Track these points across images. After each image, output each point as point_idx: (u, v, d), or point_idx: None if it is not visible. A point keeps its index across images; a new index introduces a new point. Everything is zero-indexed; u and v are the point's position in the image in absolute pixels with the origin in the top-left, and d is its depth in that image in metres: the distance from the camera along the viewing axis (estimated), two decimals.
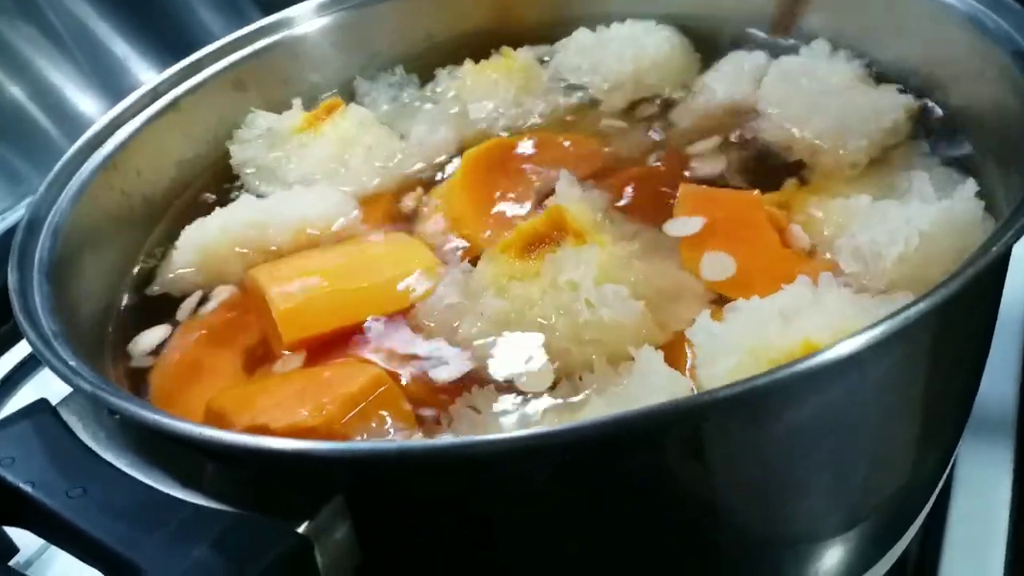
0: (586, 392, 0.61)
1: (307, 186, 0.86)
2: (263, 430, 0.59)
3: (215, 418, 0.63)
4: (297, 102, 0.93)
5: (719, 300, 0.67)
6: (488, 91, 0.94)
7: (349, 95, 0.98)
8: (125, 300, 0.79)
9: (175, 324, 0.76)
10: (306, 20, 0.97)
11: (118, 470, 0.53)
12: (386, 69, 0.99)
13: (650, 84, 0.93)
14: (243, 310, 0.75)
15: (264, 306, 0.71)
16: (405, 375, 0.66)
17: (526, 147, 0.87)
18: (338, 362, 0.67)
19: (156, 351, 0.74)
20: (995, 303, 0.68)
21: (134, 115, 0.85)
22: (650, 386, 0.58)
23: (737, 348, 0.57)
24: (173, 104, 0.89)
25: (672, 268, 0.70)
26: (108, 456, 0.54)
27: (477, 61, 0.97)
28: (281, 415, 0.59)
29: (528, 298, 0.66)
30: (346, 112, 0.91)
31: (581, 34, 0.97)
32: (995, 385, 0.85)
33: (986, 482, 0.80)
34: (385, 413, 0.62)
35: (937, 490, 0.73)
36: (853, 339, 0.46)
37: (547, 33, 1.00)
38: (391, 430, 0.61)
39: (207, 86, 0.91)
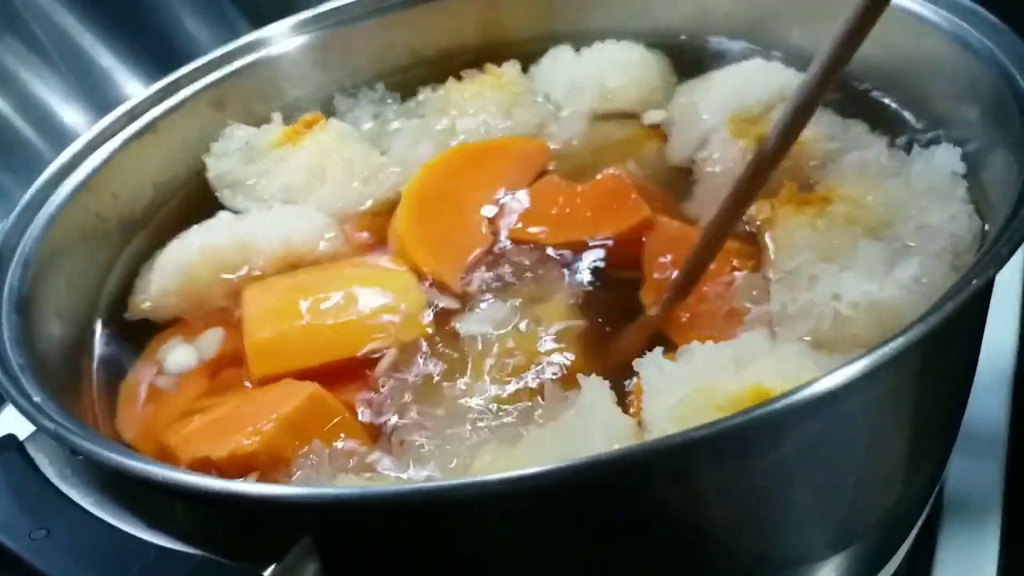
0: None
1: (285, 202, 0.85)
2: (206, 463, 0.58)
3: (166, 454, 0.62)
4: (277, 116, 0.92)
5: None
6: (475, 104, 0.93)
7: (330, 113, 0.96)
8: (101, 326, 0.78)
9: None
10: (285, 38, 0.96)
11: (83, 510, 0.52)
12: (367, 86, 0.98)
13: (631, 101, 0.92)
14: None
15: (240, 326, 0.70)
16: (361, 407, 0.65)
17: (467, 161, 0.86)
18: (278, 383, 0.66)
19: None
20: (979, 329, 0.67)
21: (110, 137, 0.84)
22: (589, 421, 0.57)
23: (685, 385, 0.56)
24: (151, 125, 0.87)
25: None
26: (74, 495, 0.53)
27: (459, 78, 0.96)
28: (220, 445, 0.59)
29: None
30: (326, 126, 0.89)
31: (561, 52, 0.97)
32: (985, 402, 0.84)
33: (976, 499, 0.79)
34: (328, 430, 0.61)
35: (927, 509, 0.73)
36: (838, 373, 0.46)
37: (530, 49, 0.99)
38: (339, 448, 0.60)
39: (185, 106, 0.90)
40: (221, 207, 0.87)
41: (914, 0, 0.77)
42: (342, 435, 0.62)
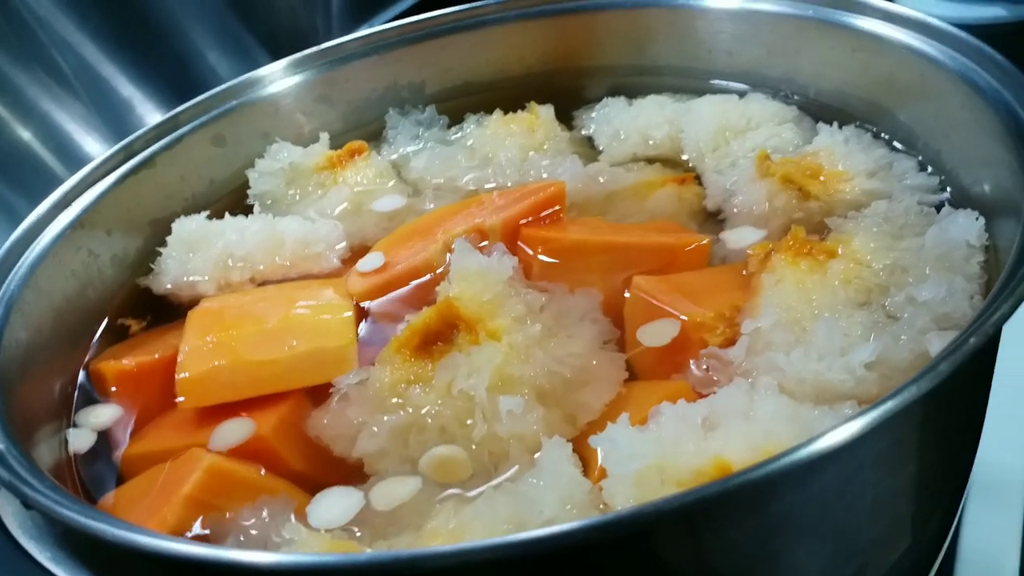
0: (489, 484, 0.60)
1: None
2: None
3: None
4: (324, 136, 0.93)
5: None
6: (500, 144, 0.91)
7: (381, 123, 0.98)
8: (86, 369, 0.76)
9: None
10: (285, 76, 0.96)
11: (40, 567, 0.50)
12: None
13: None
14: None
15: None
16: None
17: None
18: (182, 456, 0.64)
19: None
20: (987, 375, 0.64)
21: (106, 174, 0.84)
22: (548, 485, 0.55)
23: (642, 460, 0.53)
24: (148, 160, 0.87)
25: (581, 345, 0.66)
26: (37, 553, 0.51)
27: (460, 112, 0.97)
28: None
29: (426, 407, 0.62)
30: (368, 160, 0.90)
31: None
32: (1003, 446, 0.81)
33: (994, 544, 0.76)
34: (239, 494, 0.60)
35: (942, 553, 0.71)
36: (840, 429, 0.44)
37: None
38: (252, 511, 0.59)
39: (184, 142, 0.89)
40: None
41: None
42: (260, 495, 0.61)
